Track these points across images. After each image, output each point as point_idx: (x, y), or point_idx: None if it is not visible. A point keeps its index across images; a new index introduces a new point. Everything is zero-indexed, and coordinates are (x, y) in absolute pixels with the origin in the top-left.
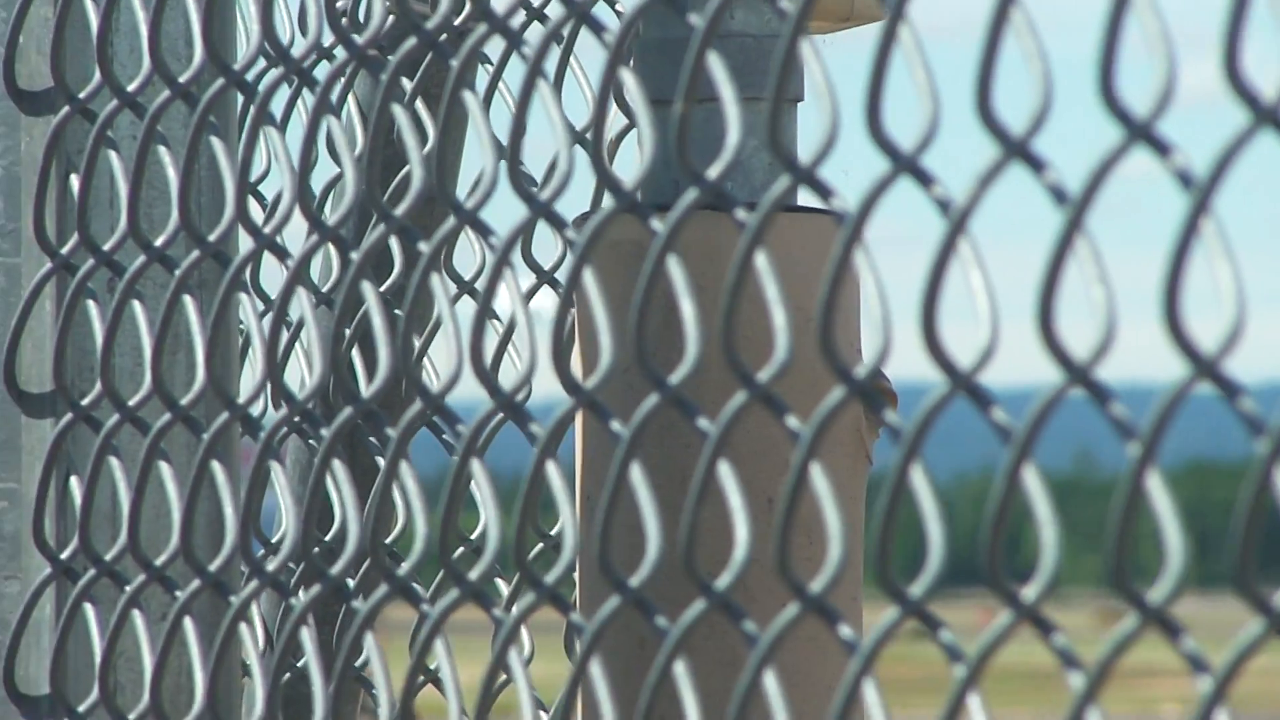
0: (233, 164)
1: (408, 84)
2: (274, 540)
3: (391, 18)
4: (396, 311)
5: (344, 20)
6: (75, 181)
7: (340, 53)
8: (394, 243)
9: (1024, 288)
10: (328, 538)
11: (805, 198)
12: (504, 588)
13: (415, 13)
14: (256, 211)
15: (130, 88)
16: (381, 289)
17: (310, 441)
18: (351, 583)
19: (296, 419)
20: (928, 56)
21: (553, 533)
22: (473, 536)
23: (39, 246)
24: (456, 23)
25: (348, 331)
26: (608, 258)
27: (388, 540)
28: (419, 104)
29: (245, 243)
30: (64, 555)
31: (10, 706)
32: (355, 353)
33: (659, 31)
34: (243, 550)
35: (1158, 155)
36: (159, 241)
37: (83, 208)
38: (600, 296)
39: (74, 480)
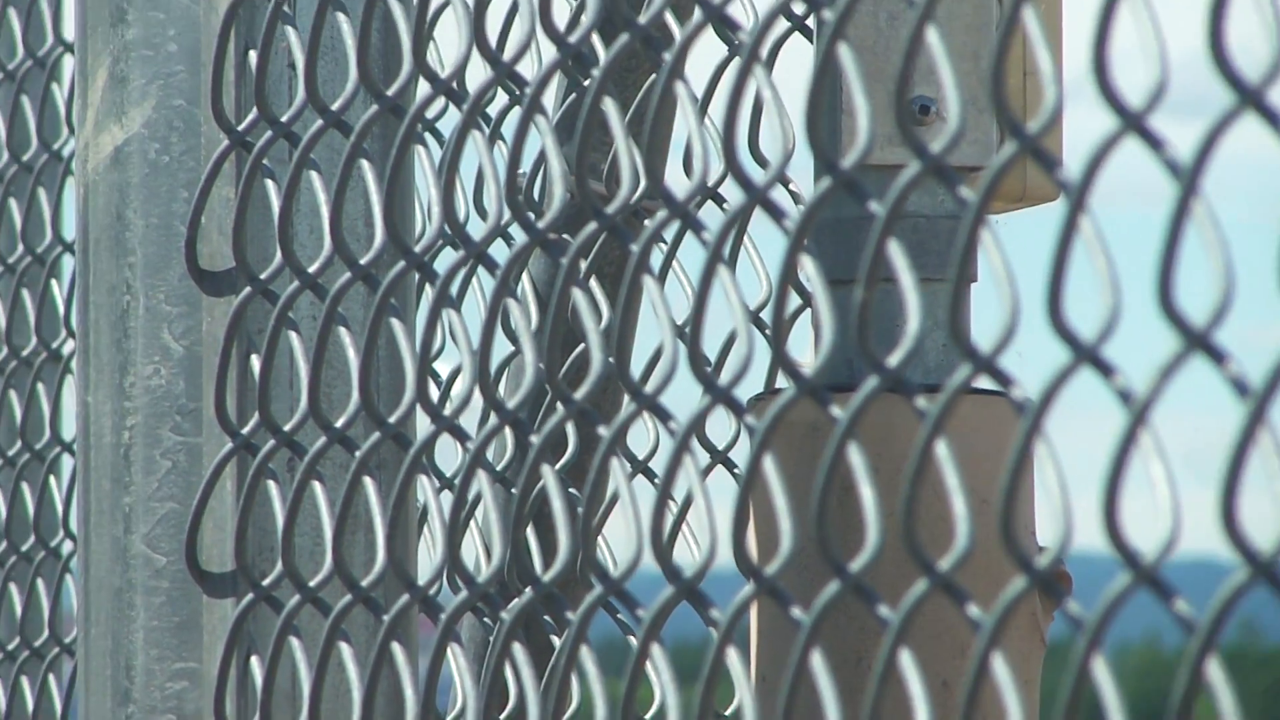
0: (412, 345)
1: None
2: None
3: (569, 198)
4: (572, 491)
5: (520, 196)
6: (256, 362)
7: (518, 231)
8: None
9: (1205, 456)
10: (503, 717)
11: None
12: None
13: (595, 195)
14: (433, 388)
15: (311, 269)
16: (557, 466)
17: (486, 620)
18: None
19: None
20: (1108, 245)
21: (728, 713)
22: (647, 717)
23: (220, 426)
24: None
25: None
26: (781, 438)
27: None
28: (593, 282)
29: (423, 421)
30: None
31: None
32: (531, 532)
33: (832, 211)
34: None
35: None
36: (339, 423)
37: (264, 388)
38: (778, 480)
39: (254, 660)
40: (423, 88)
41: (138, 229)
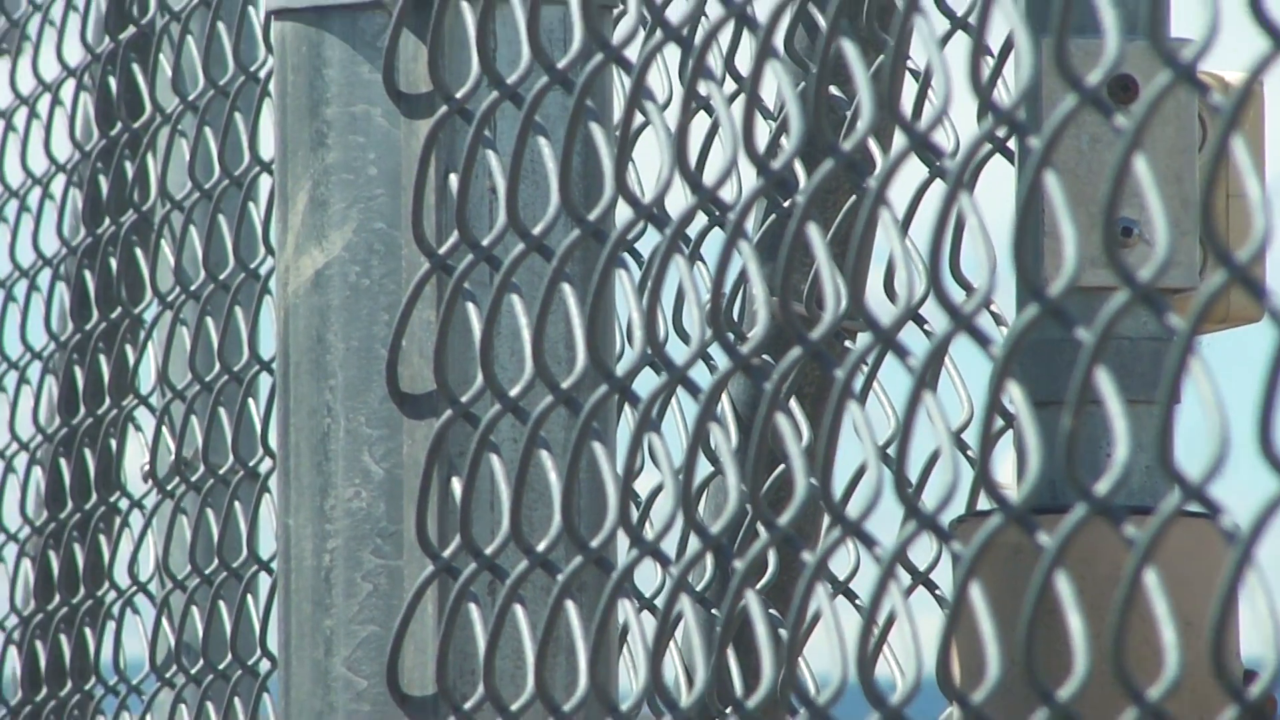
0: (613, 468)
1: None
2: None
3: (772, 322)
4: (773, 613)
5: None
6: (457, 485)
7: (717, 351)
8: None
9: None
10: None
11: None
12: None
13: (797, 318)
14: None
15: (513, 392)
16: (758, 587)
17: None
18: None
19: None
20: None
21: None
22: None
23: (421, 549)
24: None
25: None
26: (983, 560)
27: None
28: (793, 403)
29: (624, 543)
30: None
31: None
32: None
33: (1035, 332)
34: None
35: None
36: (541, 546)
37: (465, 511)
38: (984, 605)
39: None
40: (624, 211)
41: (338, 352)
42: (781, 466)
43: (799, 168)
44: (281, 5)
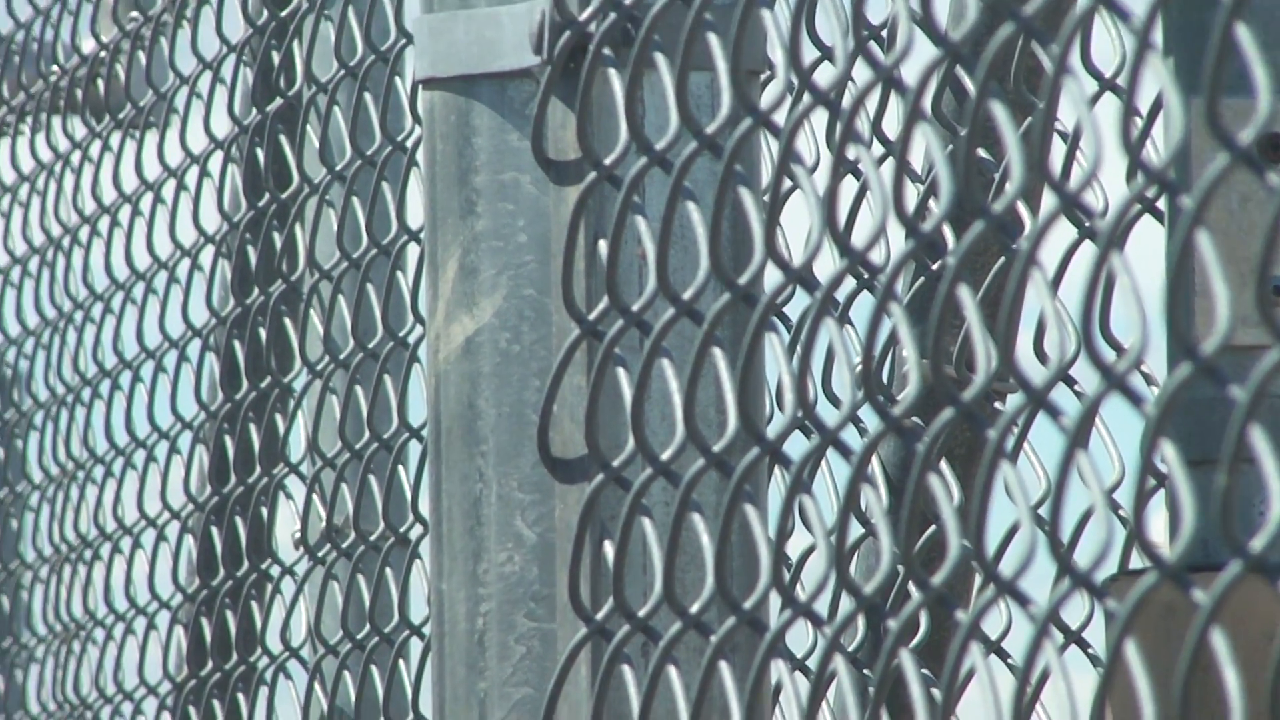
0: (765, 531)
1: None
2: None
3: (923, 384)
4: (926, 673)
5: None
6: (609, 548)
7: (870, 418)
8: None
9: None
10: None
11: None
12: None
13: (949, 380)
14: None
15: (664, 456)
16: (911, 645)
17: None
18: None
19: None
20: None
21: None
22: None
23: (574, 612)
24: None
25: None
26: (1137, 618)
27: None
28: (943, 463)
29: (776, 603)
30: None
31: None
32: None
33: (1187, 391)
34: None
35: None
36: (694, 608)
37: (618, 573)
38: (1138, 663)
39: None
40: (773, 275)
41: (490, 418)
42: (933, 527)
43: (948, 230)
44: (430, 74)
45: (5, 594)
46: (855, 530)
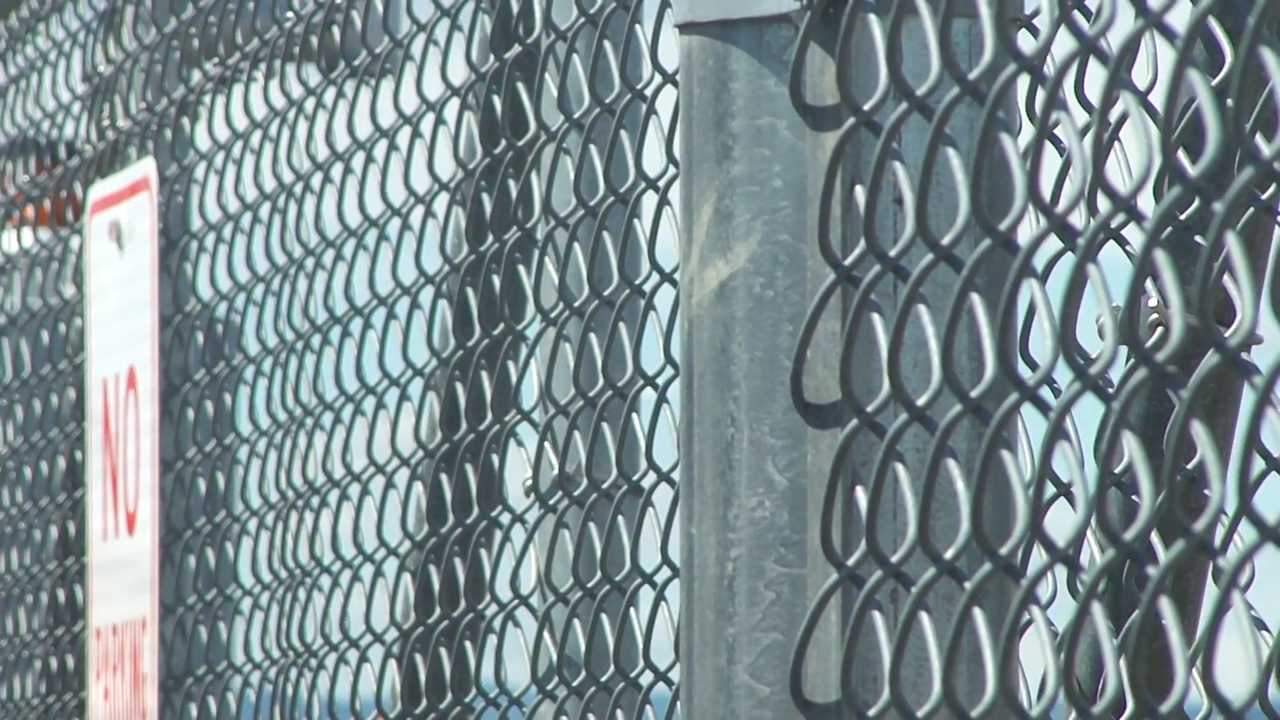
0: (1019, 477)
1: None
2: None
3: (1187, 331)
4: None
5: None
6: (861, 494)
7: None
8: None
9: None
10: None
11: None
12: None
13: (1216, 329)
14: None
15: (919, 401)
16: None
17: None
18: None
19: None
20: None
21: None
22: None
23: (825, 558)
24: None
25: None
26: None
27: None
28: None
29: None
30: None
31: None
32: None
33: None
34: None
35: None
36: (948, 554)
37: (871, 520)
38: None
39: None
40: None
41: (742, 363)
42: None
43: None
44: (688, 19)
45: (211, 547)
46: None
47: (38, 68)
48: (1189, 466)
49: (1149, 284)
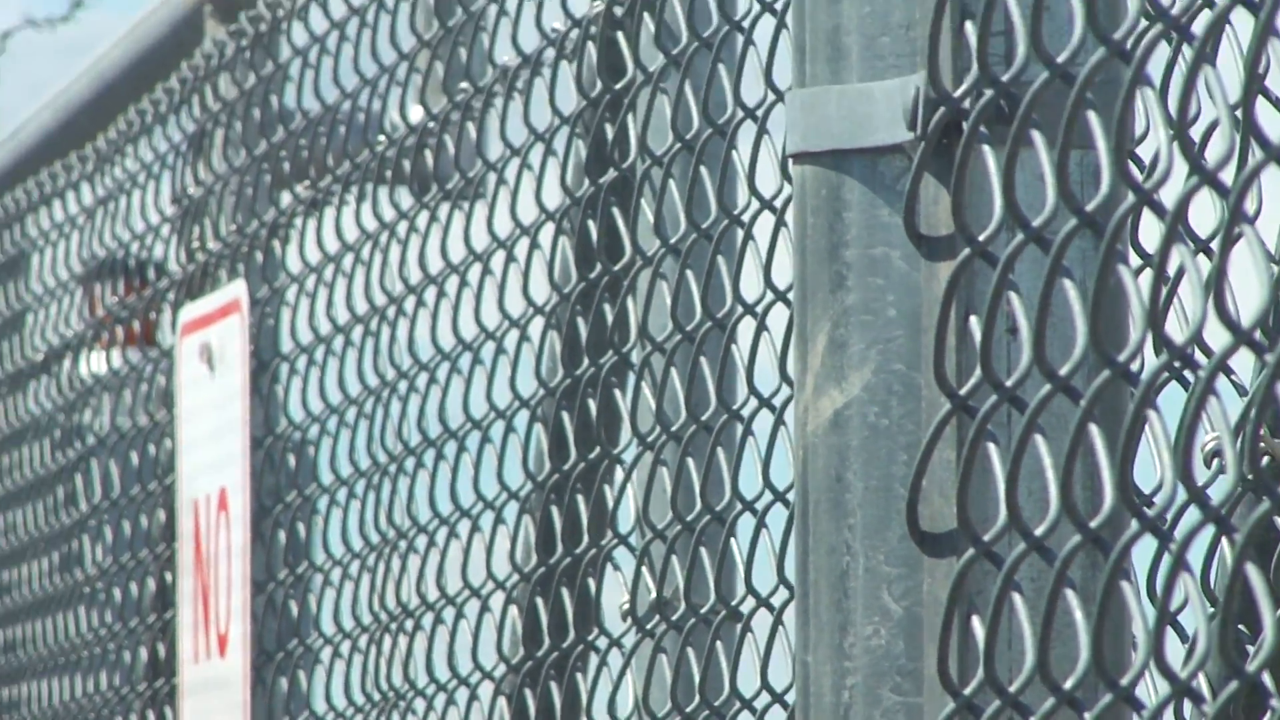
0: (1139, 609)
1: None
2: None
3: None
4: None
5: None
6: (977, 623)
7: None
8: None
9: None
10: None
11: None
12: None
13: None
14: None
15: (1037, 531)
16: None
17: None
18: None
19: None
20: None
21: None
22: None
23: (941, 686)
24: None
25: None
26: None
27: None
28: None
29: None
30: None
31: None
32: None
33: None
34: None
35: None
36: (1068, 684)
37: (989, 649)
38: None
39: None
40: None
41: (857, 491)
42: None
43: None
44: (801, 149)
45: (303, 669)
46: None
47: (126, 189)
48: None
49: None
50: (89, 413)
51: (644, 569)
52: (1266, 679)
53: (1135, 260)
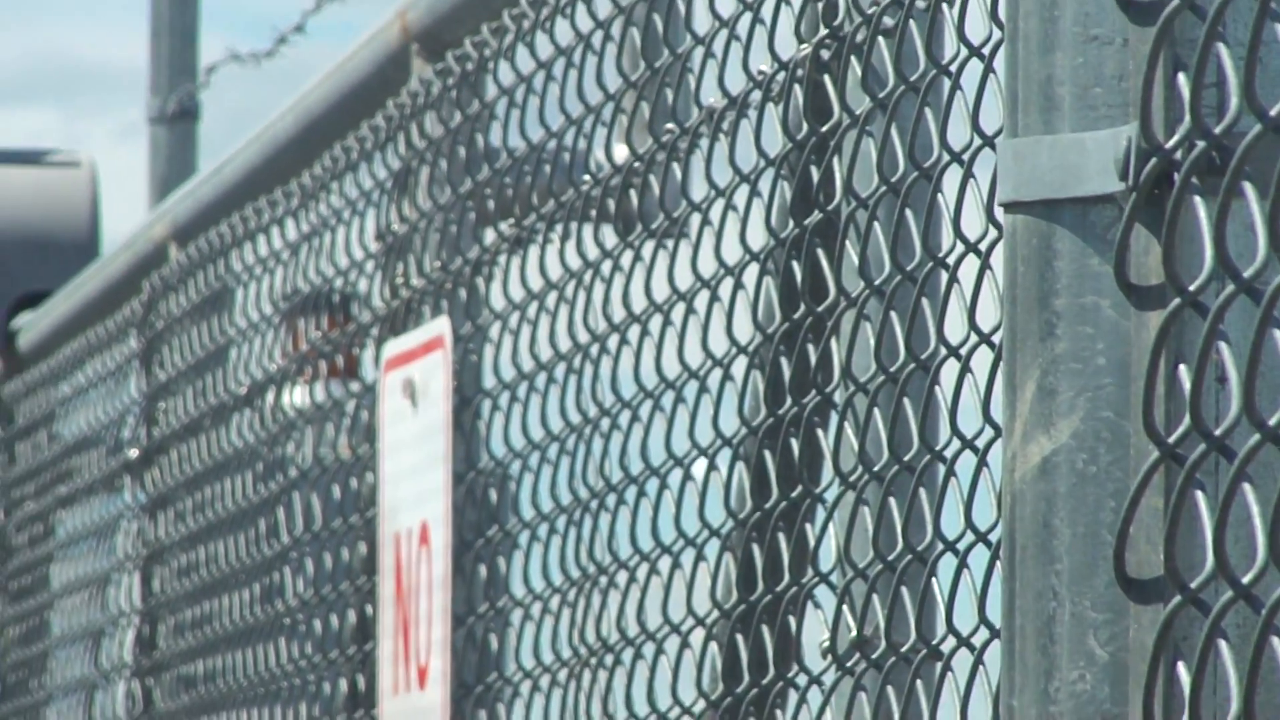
0: None
1: None
2: None
3: None
4: None
5: None
6: (1181, 669)
7: None
8: None
9: None
10: None
11: None
12: None
13: None
14: None
15: (1245, 579)
16: None
17: None
18: None
19: None
20: None
21: None
22: None
23: None
24: None
25: None
26: None
27: None
28: None
29: None
30: None
31: None
32: None
33: None
34: None
35: None
36: None
37: (1195, 697)
38: None
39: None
40: None
41: (1065, 537)
42: None
43: None
44: (1013, 198)
45: (501, 703)
46: None
47: (330, 225)
48: None
49: None
50: (291, 445)
51: (845, 607)
52: None
53: None
